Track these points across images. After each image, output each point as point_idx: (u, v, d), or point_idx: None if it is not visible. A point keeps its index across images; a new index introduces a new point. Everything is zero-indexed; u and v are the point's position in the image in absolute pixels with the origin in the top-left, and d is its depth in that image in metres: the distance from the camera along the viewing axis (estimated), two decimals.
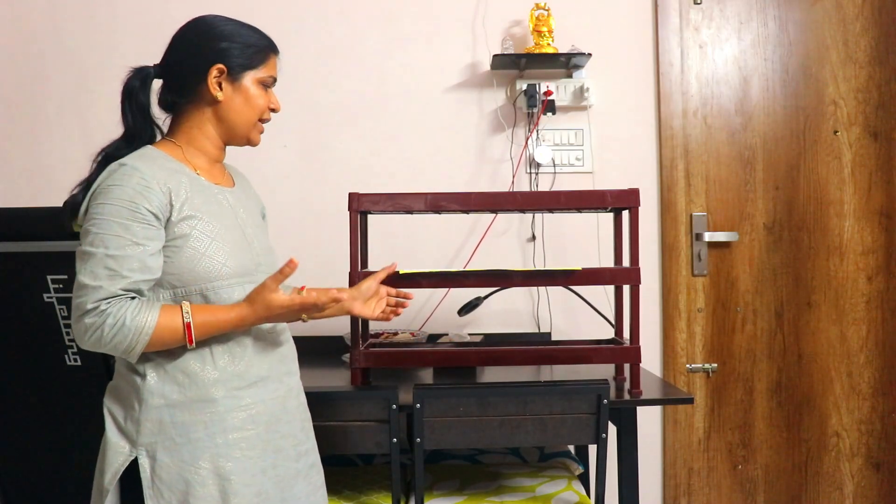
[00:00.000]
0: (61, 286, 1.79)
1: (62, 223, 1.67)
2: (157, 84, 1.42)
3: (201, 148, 1.41)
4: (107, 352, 1.24)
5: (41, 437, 1.94)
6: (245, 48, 1.39)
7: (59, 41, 2.53)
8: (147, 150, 1.35)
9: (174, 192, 1.29)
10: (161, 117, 1.44)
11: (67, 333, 1.83)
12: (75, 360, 1.85)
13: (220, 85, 1.37)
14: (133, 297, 1.24)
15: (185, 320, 1.26)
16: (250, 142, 1.45)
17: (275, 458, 1.36)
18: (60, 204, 1.69)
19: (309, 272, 1.76)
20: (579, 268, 1.81)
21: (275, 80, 1.45)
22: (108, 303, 1.21)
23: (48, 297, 1.81)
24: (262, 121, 1.44)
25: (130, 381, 1.29)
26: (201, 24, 1.41)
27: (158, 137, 1.42)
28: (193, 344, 1.27)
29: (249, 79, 1.39)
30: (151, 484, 1.26)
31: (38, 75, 2.53)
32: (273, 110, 1.45)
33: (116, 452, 1.28)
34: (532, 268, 2.52)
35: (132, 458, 1.27)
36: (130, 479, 1.27)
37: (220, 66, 1.36)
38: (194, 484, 1.27)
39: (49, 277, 1.79)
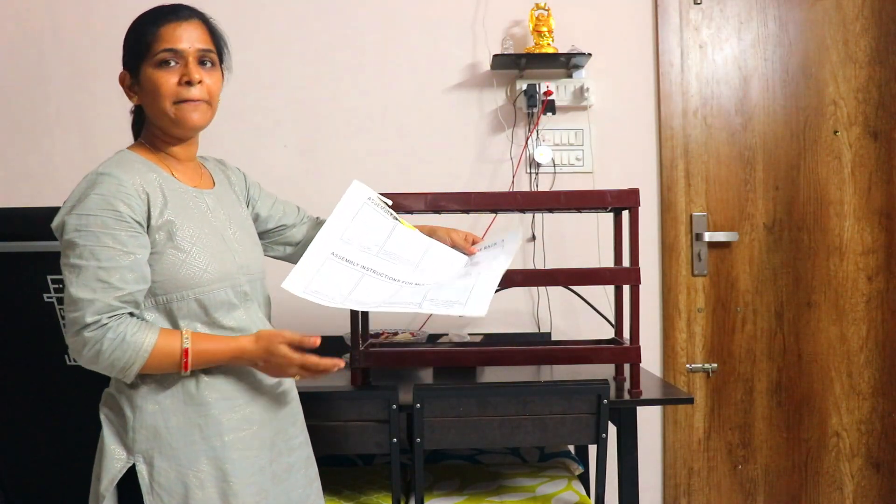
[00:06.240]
0: (61, 286, 1.78)
1: None
2: None
3: (164, 149, 1.37)
4: (102, 369, 1.23)
5: (41, 437, 1.94)
6: (130, 42, 1.33)
7: (59, 41, 2.53)
8: (124, 155, 1.33)
9: (151, 198, 1.27)
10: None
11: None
12: (75, 360, 1.84)
13: (133, 88, 1.34)
14: (131, 314, 1.24)
15: (184, 346, 1.24)
16: (184, 125, 1.32)
17: (270, 454, 1.36)
18: (60, 204, 1.69)
19: None
20: (579, 267, 1.80)
21: (173, 50, 1.29)
22: (109, 317, 1.20)
23: (48, 297, 1.80)
24: (183, 100, 1.30)
25: (124, 388, 1.29)
26: None
27: None
28: (188, 371, 1.25)
29: (146, 68, 1.30)
30: (150, 490, 1.26)
31: (38, 75, 2.53)
32: (187, 82, 1.30)
33: (113, 459, 1.27)
34: (532, 268, 2.51)
35: (129, 465, 1.26)
36: (128, 485, 1.27)
37: (122, 72, 1.35)
38: (193, 487, 1.27)
39: (49, 277, 1.79)
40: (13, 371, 1.90)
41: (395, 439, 1.67)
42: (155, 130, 1.36)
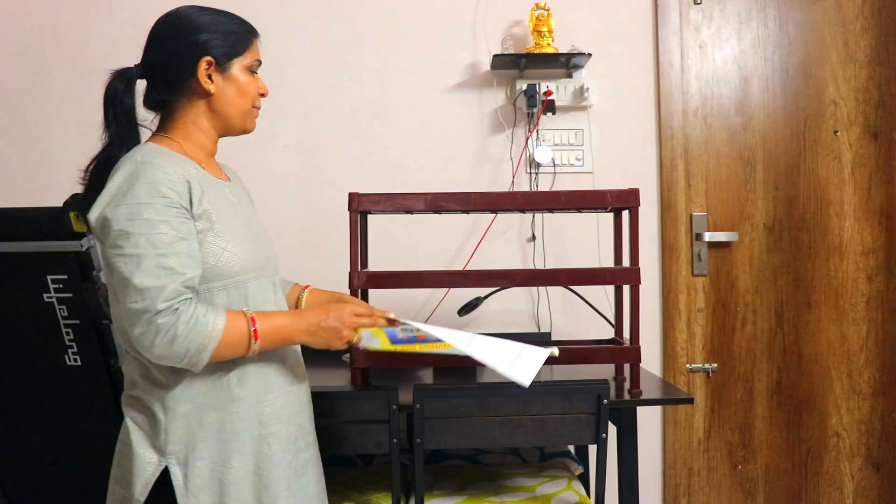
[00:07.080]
0: (61, 286, 1.79)
1: (62, 223, 1.66)
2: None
3: (197, 142, 1.37)
4: (173, 357, 1.20)
5: (41, 438, 1.94)
6: (227, 36, 1.35)
7: (59, 41, 2.53)
8: (154, 146, 1.31)
9: (192, 186, 1.27)
10: (147, 118, 1.40)
11: (67, 333, 1.82)
12: (75, 360, 1.85)
13: (210, 77, 1.34)
14: (195, 301, 1.23)
15: (250, 320, 1.25)
16: (246, 129, 1.42)
17: (295, 450, 1.37)
18: (60, 204, 1.69)
19: (309, 272, 1.76)
20: (579, 267, 1.80)
21: (260, 63, 1.42)
22: (179, 301, 1.19)
23: (48, 297, 1.80)
24: (254, 107, 1.41)
25: (153, 390, 1.27)
26: (179, 18, 1.37)
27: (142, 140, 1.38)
28: (258, 341, 1.25)
29: (237, 67, 1.36)
30: (185, 491, 1.25)
31: (38, 75, 2.53)
32: (262, 95, 1.42)
33: (145, 463, 1.26)
34: (532, 268, 2.51)
35: (162, 467, 1.25)
36: (156, 487, 1.26)
37: (208, 58, 1.33)
38: (228, 484, 1.27)
39: (49, 277, 1.79)
40: (13, 371, 1.90)
41: (395, 439, 1.67)
42: (200, 125, 1.37)
